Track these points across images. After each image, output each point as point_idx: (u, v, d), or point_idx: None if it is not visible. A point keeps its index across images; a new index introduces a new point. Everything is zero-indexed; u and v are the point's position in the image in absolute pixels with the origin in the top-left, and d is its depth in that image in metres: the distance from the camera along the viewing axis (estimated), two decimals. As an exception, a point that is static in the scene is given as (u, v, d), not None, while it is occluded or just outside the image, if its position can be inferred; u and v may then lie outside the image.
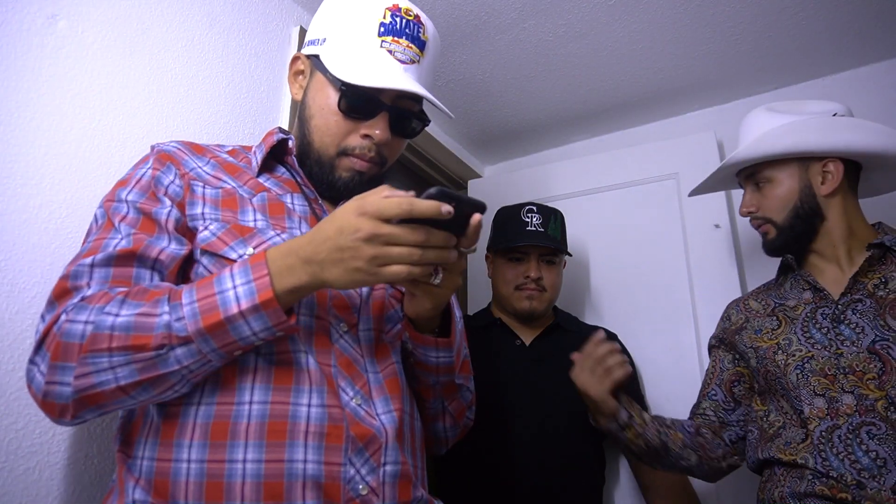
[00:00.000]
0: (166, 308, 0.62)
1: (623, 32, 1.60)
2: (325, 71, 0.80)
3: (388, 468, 0.71)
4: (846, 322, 1.05)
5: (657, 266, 1.78)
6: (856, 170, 1.16)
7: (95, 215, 0.76)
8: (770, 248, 1.18)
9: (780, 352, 1.09)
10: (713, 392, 1.23)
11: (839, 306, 1.07)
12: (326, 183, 0.83)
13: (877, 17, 1.53)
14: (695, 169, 1.77)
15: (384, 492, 0.69)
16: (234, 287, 0.62)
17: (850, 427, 0.96)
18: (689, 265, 1.72)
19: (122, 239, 0.70)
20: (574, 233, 1.83)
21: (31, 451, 0.82)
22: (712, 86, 1.84)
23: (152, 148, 0.83)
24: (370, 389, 0.74)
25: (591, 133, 2.16)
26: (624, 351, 1.61)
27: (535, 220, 1.50)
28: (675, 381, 1.63)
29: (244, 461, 0.64)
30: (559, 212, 1.57)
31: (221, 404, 0.67)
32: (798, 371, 1.05)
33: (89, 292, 0.66)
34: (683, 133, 1.93)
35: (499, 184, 2.13)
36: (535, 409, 1.37)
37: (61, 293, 0.67)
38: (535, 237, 1.47)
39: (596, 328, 1.63)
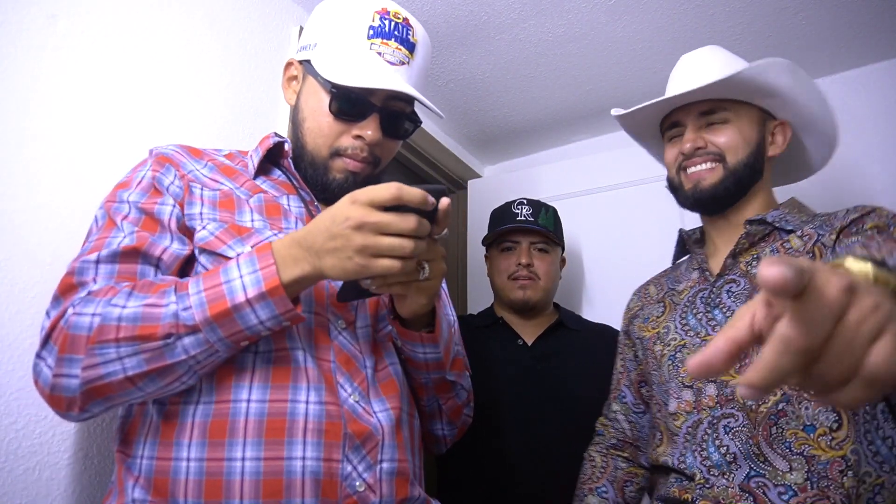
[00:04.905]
0: (173, 298, 0.63)
1: (623, 32, 1.60)
2: (315, 75, 0.81)
3: (385, 465, 0.71)
4: (720, 306, 0.95)
5: (657, 266, 1.75)
6: None
7: (96, 216, 0.77)
8: (701, 196, 1.01)
9: (658, 342, 1.01)
10: (622, 394, 1.14)
11: (714, 288, 0.97)
12: (321, 185, 0.84)
13: (876, 17, 1.53)
14: (695, 169, 1.77)
15: (381, 489, 0.69)
16: (241, 276, 0.63)
17: (711, 421, 0.87)
18: (689, 265, 1.72)
19: (125, 237, 0.71)
20: (573, 232, 1.83)
21: (31, 451, 0.82)
22: (712, 86, 1.84)
23: (150, 151, 0.84)
24: (368, 386, 0.74)
25: (591, 133, 2.15)
26: None
27: (525, 211, 1.52)
28: (675, 381, 1.63)
29: (243, 459, 0.64)
30: (552, 207, 1.58)
31: (220, 403, 0.67)
32: (670, 362, 0.96)
33: (95, 287, 0.67)
34: (683, 133, 1.93)
35: (498, 184, 2.13)
36: (537, 409, 1.37)
37: (67, 289, 0.68)
38: (524, 224, 1.49)
39: (602, 325, 1.63)
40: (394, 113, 0.83)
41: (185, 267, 0.76)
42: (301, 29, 1.45)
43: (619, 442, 1.14)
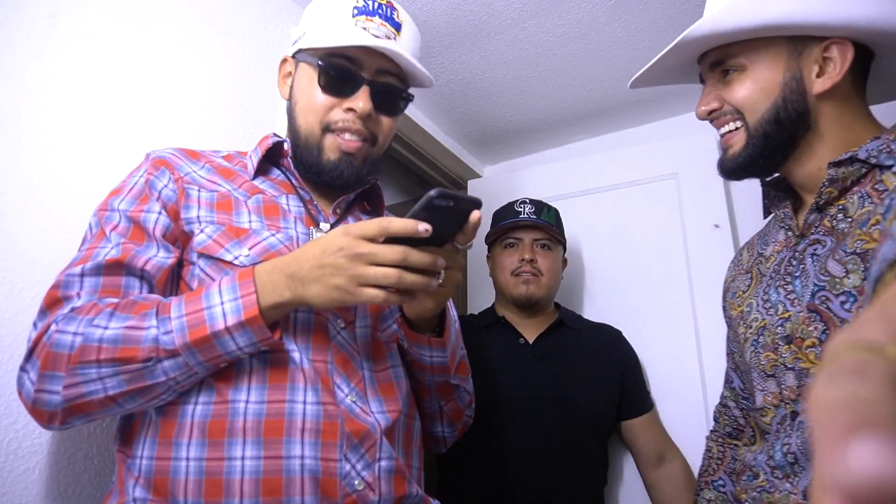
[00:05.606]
0: (154, 322, 0.64)
1: (623, 32, 1.60)
2: (304, 58, 0.84)
3: (383, 464, 0.71)
4: (802, 275, 0.77)
5: (657, 266, 1.77)
6: (865, 60, 0.80)
7: (90, 224, 0.77)
8: (732, 167, 0.84)
9: (742, 323, 0.86)
10: (730, 378, 1.02)
11: (797, 252, 0.80)
12: (315, 167, 0.84)
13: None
14: (695, 169, 1.78)
15: (380, 487, 0.70)
16: (222, 303, 0.64)
17: (792, 415, 0.75)
18: (688, 265, 1.72)
19: (112, 248, 0.72)
20: (574, 233, 1.83)
21: (31, 451, 0.82)
22: (712, 86, 1.84)
23: (147, 155, 0.84)
24: (365, 387, 0.75)
25: (591, 133, 2.15)
26: (629, 348, 1.62)
27: (527, 209, 1.53)
28: (675, 381, 1.63)
29: (242, 458, 0.65)
30: (554, 207, 1.60)
31: (218, 403, 0.68)
32: (752, 348, 0.82)
33: (79, 303, 0.68)
34: (683, 133, 1.93)
35: (498, 184, 2.13)
36: (537, 408, 1.37)
37: (52, 302, 0.68)
38: (527, 220, 1.50)
39: (602, 325, 1.64)
40: (385, 87, 0.84)
41: (180, 269, 0.77)
42: (301, 29, 1.45)
43: (733, 430, 1.01)
